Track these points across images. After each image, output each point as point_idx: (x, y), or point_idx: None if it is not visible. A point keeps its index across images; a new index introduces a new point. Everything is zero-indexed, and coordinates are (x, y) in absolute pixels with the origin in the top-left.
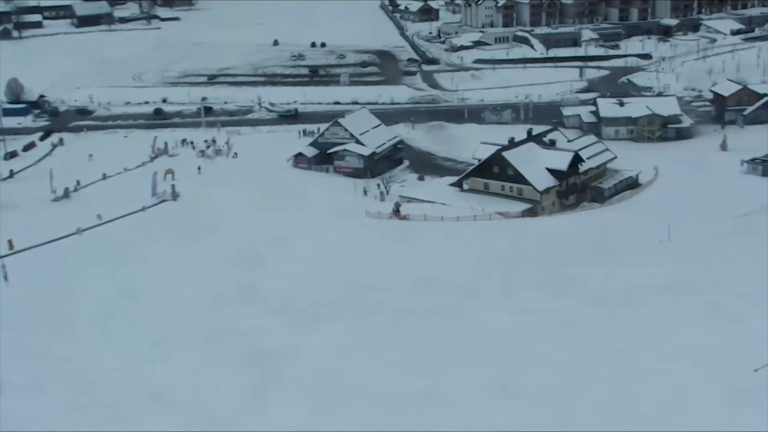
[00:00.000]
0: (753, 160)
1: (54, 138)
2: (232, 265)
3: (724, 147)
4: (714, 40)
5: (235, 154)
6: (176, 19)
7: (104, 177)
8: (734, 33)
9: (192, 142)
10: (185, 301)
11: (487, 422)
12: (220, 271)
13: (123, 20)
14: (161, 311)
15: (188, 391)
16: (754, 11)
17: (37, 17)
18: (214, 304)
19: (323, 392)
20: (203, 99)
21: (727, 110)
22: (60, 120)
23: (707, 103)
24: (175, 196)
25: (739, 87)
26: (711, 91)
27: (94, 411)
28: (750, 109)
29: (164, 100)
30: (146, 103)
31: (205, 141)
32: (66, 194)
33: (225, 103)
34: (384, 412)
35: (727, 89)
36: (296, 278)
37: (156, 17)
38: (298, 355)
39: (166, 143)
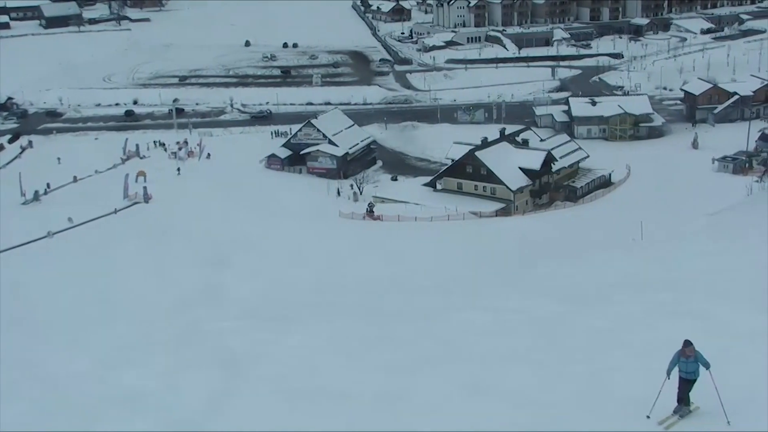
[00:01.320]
0: (724, 158)
1: (23, 140)
2: (205, 266)
3: (695, 145)
4: (684, 40)
5: (209, 155)
6: (146, 20)
7: (75, 180)
8: (704, 32)
9: (164, 144)
10: (157, 303)
11: (461, 422)
12: (193, 273)
13: (92, 21)
14: (133, 314)
15: (161, 394)
16: (724, 10)
17: (4, 18)
18: (186, 306)
19: (296, 394)
20: (175, 100)
21: (697, 109)
22: (29, 122)
23: (678, 102)
24: (147, 198)
25: (710, 86)
26: (682, 89)
27: (67, 416)
28: (720, 107)
29: (135, 102)
30: (117, 104)
31: (177, 143)
32: (36, 197)
33: (197, 104)
34: (358, 412)
35: (697, 88)
36: (270, 279)
37: (126, 18)
38: (271, 357)
39: (137, 145)
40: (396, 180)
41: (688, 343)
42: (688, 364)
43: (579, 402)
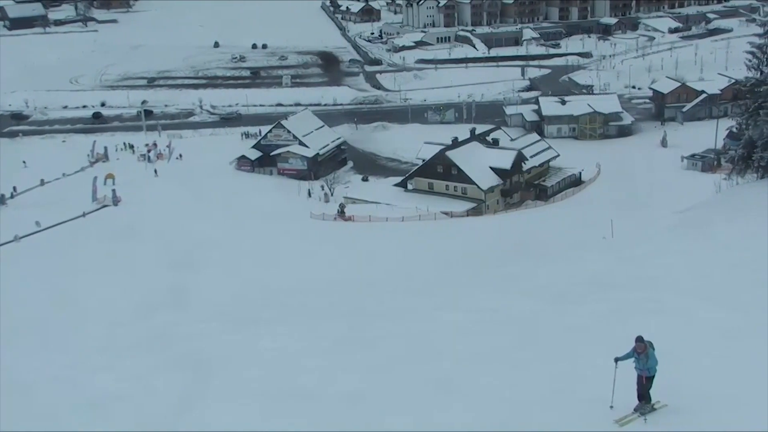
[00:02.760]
0: (693, 156)
1: None
2: (175, 269)
3: (664, 143)
4: (652, 39)
5: (180, 155)
6: (113, 21)
7: (42, 183)
8: (672, 31)
9: (132, 146)
10: (128, 306)
11: (434, 421)
12: (163, 275)
13: (58, 23)
14: (103, 317)
15: (134, 397)
16: (691, 9)
17: None
18: (157, 309)
19: (271, 395)
20: (143, 102)
21: (666, 107)
22: None
23: (647, 101)
24: (116, 201)
25: (678, 84)
26: (650, 88)
27: (39, 421)
28: (689, 105)
29: (103, 104)
30: (84, 107)
31: (146, 145)
32: (2, 201)
33: (165, 106)
34: (331, 412)
35: (666, 86)
36: (241, 281)
37: (92, 19)
38: (245, 359)
39: (105, 148)
40: (367, 180)
41: (638, 340)
42: (639, 360)
43: (552, 400)
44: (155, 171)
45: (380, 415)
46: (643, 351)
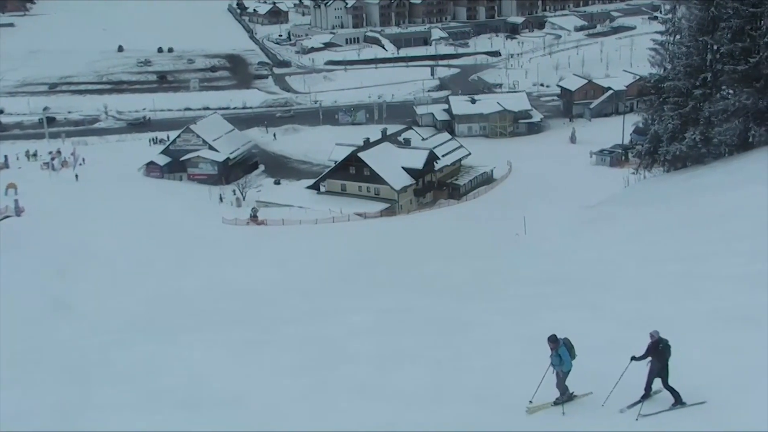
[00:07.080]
0: (601, 152)
1: None
2: (83, 279)
3: (573, 140)
4: (559, 37)
5: (83, 159)
6: (10, 25)
7: None
8: (578, 29)
9: (35, 154)
10: (34, 319)
11: (353, 424)
12: (71, 286)
13: None
14: (9, 330)
15: (39, 414)
16: (595, 8)
17: None
18: (65, 321)
19: (182, 403)
20: (45, 109)
21: (574, 104)
22: None
23: (555, 98)
24: (18, 211)
25: (585, 81)
26: (558, 86)
27: None
28: (596, 102)
29: (1, 111)
30: None
31: (50, 152)
32: None
33: (69, 112)
34: (247, 418)
35: (573, 84)
36: (153, 290)
37: None
38: (155, 368)
39: (6, 156)
40: (279, 184)
41: (550, 339)
42: (552, 357)
43: (470, 398)
44: (76, 176)
45: (295, 421)
46: (554, 349)
